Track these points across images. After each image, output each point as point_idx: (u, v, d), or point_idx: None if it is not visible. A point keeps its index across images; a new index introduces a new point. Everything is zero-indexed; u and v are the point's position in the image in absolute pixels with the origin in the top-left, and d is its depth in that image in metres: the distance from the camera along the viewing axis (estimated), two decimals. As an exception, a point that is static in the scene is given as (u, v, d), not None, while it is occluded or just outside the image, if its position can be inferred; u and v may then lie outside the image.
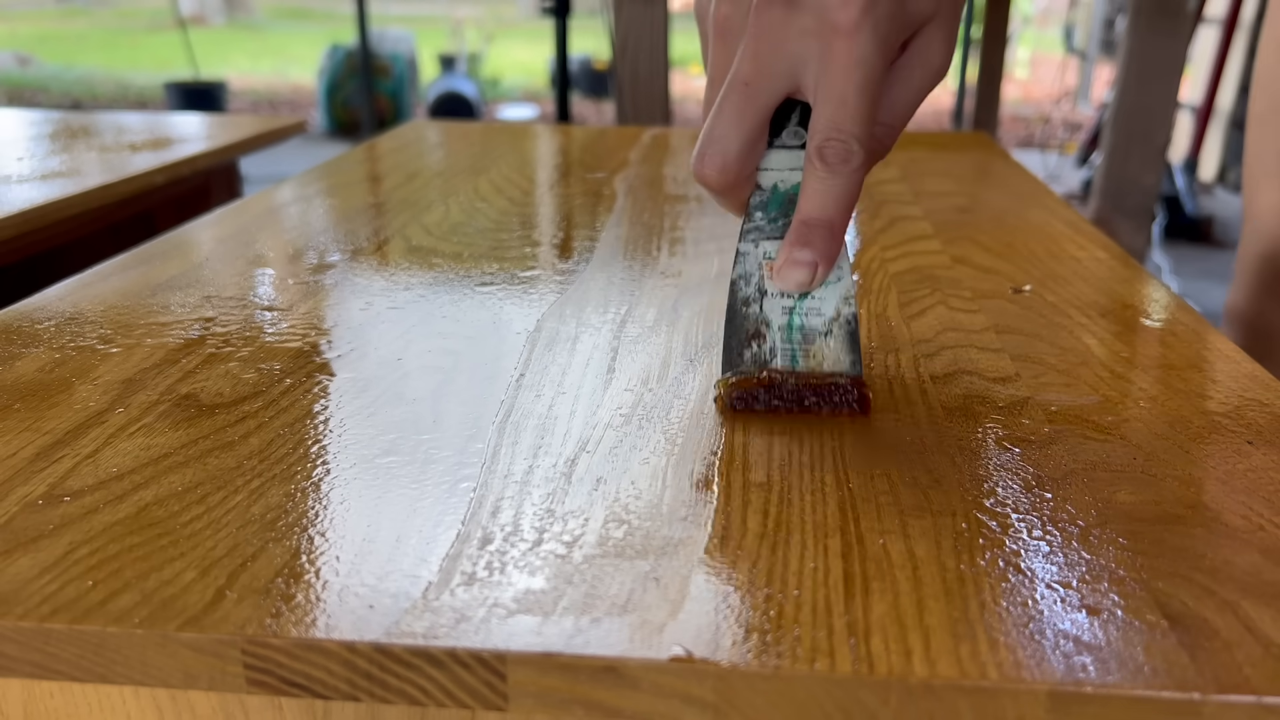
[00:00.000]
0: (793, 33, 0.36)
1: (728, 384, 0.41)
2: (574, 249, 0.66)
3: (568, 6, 2.28)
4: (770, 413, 0.40)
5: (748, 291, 0.41)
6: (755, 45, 0.37)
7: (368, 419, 0.40)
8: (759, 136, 0.38)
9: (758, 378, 0.41)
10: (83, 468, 0.36)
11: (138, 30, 10.43)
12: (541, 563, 0.31)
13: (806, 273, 0.39)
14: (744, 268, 0.41)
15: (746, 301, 0.41)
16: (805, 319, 0.41)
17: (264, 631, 0.27)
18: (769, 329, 0.41)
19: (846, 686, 0.26)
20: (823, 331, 0.41)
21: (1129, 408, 0.42)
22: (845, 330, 0.40)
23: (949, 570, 0.30)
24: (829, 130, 0.36)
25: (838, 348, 0.41)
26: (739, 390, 0.41)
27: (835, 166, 0.37)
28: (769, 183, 0.40)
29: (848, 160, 0.37)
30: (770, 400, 0.41)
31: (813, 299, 0.40)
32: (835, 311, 0.40)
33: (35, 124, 1.19)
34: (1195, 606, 0.29)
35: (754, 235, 0.41)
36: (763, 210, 0.40)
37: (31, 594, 0.29)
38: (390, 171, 0.92)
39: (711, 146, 0.38)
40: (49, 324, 0.51)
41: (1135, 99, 1.74)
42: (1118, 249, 0.66)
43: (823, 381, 0.41)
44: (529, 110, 6.06)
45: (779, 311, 0.41)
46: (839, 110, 0.36)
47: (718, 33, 0.39)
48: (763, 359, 0.41)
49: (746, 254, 0.41)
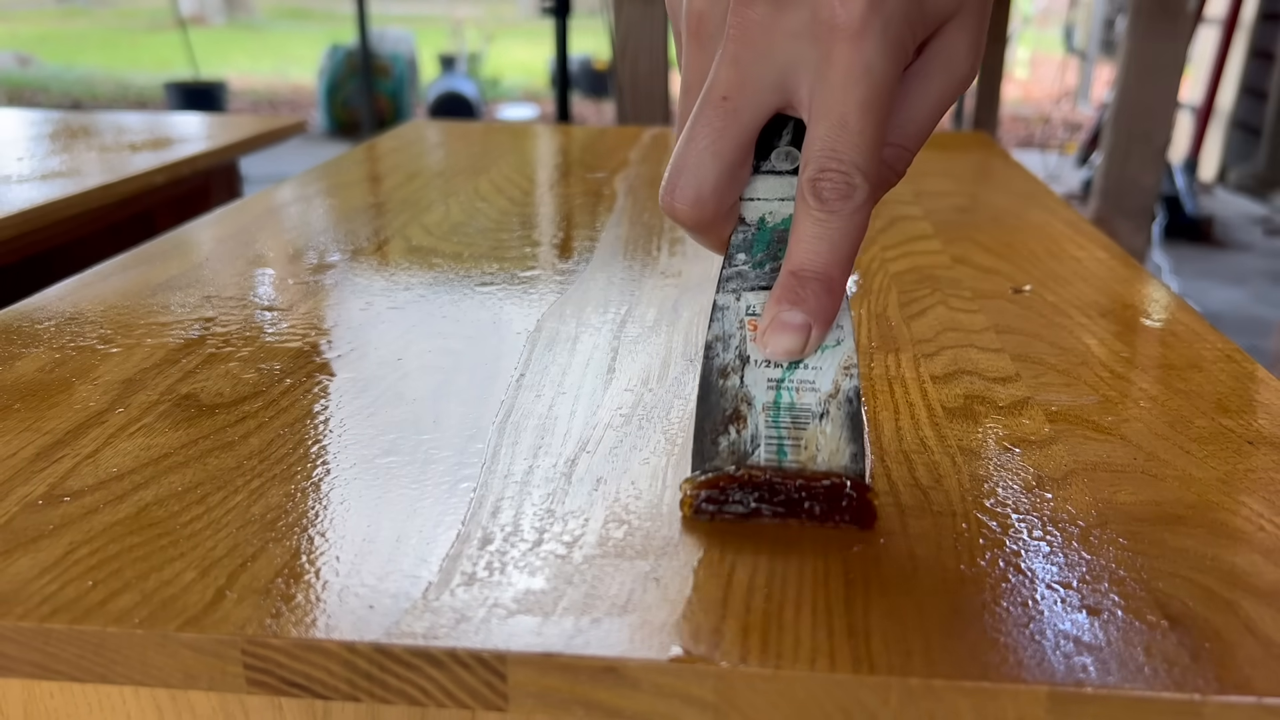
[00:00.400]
0: (782, 34, 0.30)
1: (695, 483, 0.33)
2: (574, 249, 0.66)
3: (568, 6, 2.28)
4: (748, 517, 0.33)
5: (726, 358, 0.33)
6: (736, 50, 0.30)
7: (368, 419, 0.40)
8: (741, 161, 0.32)
9: (734, 475, 0.33)
10: (83, 468, 0.36)
11: (138, 30, 10.43)
12: (541, 563, 0.31)
13: (797, 338, 0.32)
14: (722, 327, 0.33)
15: (724, 371, 0.33)
16: (796, 396, 0.33)
17: (264, 632, 0.27)
18: (751, 409, 0.33)
19: (846, 686, 0.26)
20: (817, 412, 0.33)
21: (1129, 408, 0.42)
22: (845, 411, 0.33)
23: (949, 570, 0.30)
24: (826, 158, 0.30)
25: (836, 434, 0.33)
26: (709, 489, 0.33)
27: (832, 204, 0.30)
28: (755, 216, 0.33)
29: (848, 196, 0.30)
30: (749, 502, 0.33)
31: (805, 369, 0.33)
32: (833, 386, 0.33)
33: (35, 124, 1.19)
34: (1196, 607, 0.29)
35: (735, 284, 0.33)
36: (746, 252, 0.33)
37: (31, 594, 0.29)
38: (390, 171, 0.92)
39: (683, 175, 0.31)
40: (49, 324, 0.51)
41: (1135, 99, 1.74)
42: (1118, 249, 0.66)
43: (816, 481, 0.33)
44: (529, 110, 6.06)
45: (764, 385, 0.33)
46: (838, 132, 0.30)
47: (692, 33, 0.32)
48: (742, 450, 0.33)
49: (725, 309, 0.33)
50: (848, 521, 0.32)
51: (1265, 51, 4.01)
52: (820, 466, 0.33)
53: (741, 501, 0.33)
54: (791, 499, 0.33)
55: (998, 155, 1.02)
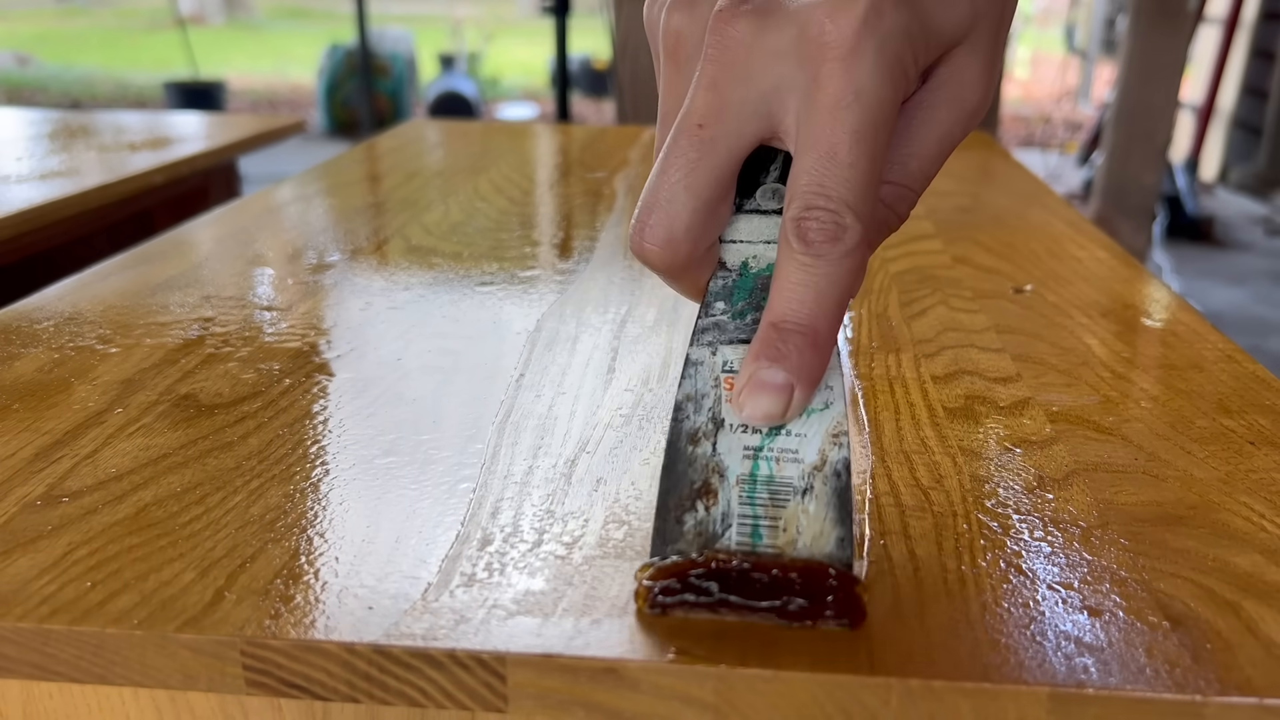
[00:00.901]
0: (766, 54, 0.27)
1: (652, 572, 0.28)
2: (574, 249, 0.66)
3: (567, 6, 2.28)
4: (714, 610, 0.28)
5: (697, 422, 0.29)
6: (714, 72, 0.27)
7: (367, 419, 0.40)
8: (720, 197, 0.28)
9: (698, 561, 0.28)
10: (81, 468, 0.36)
11: (137, 30, 10.43)
12: (541, 564, 0.30)
13: (777, 400, 0.27)
14: (694, 385, 0.29)
15: (694, 436, 0.29)
16: (776, 467, 0.28)
17: (263, 633, 0.27)
18: (723, 482, 0.28)
19: (846, 686, 0.26)
20: (799, 488, 0.28)
21: (1130, 408, 0.42)
22: (832, 486, 0.28)
23: (950, 571, 0.30)
24: (812, 194, 0.26)
25: (820, 514, 0.28)
26: (667, 579, 0.28)
27: (819, 246, 0.26)
28: (736, 260, 0.30)
29: (836, 238, 0.26)
30: (715, 595, 0.28)
31: (787, 436, 0.28)
32: (819, 456, 0.28)
33: (34, 123, 1.19)
34: (1197, 608, 0.28)
35: (711, 336, 0.29)
36: (725, 300, 0.29)
37: (30, 595, 0.29)
38: (390, 171, 0.92)
39: (654, 212, 0.28)
40: (48, 324, 0.51)
41: (1136, 98, 1.74)
42: (1119, 249, 0.66)
43: (795, 570, 0.28)
44: (529, 109, 6.06)
45: (739, 454, 0.28)
46: (826, 165, 0.26)
47: (669, 53, 0.29)
48: (710, 530, 0.28)
49: (699, 364, 0.29)
50: (831, 619, 0.27)
51: (1266, 51, 4.01)
52: (801, 552, 0.28)
53: (707, 593, 0.28)
54: (766, 592, 0.27)
55: (999, 155, 1.02)
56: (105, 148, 1.03)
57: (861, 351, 0.48)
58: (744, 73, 0.27)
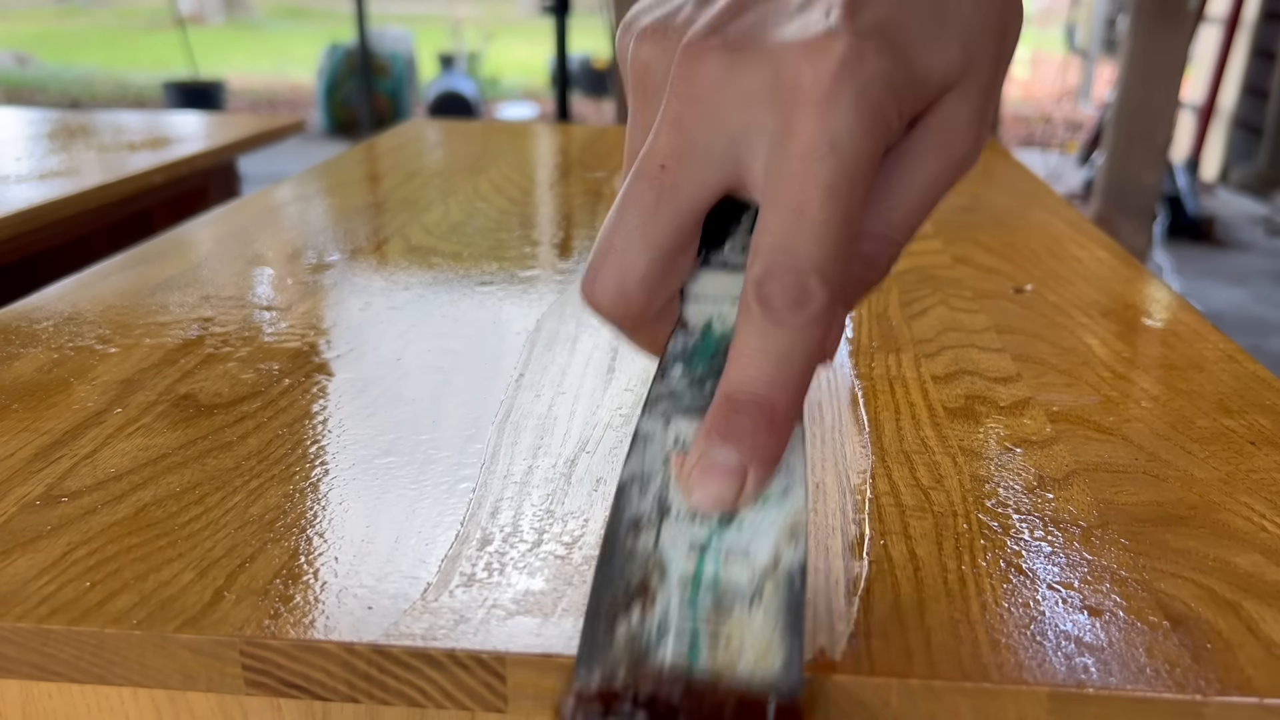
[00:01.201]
0: (736, 95, 0.24)
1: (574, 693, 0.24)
2: (574, 248, 0.66)
3: (567, 6, 2.28)
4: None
5: (640, 508, 0.25)
6: (679, 110, 0.25)
7: (367, 419, 0.40)
8: (679, 248, 0.25)
9: (626, 687, 0.24)
10: (81, 468, 0.36)
11: (136, 30, 10.43)
12: (541, 564, 0.30)
13: (727, 484, 0.24)
14: (640, 462, 0.25)
15: (636, 525, 0.25)
16: (722, 567, 0.24)
17: (262, 633, 0.27)
18: (663, 582, 0.24)
19: (847, 687, 0.26)
20: (747, 594, 0.24)
21: (1131, 408, 0.42)
22: (784, 596, 0.24)
23: (950, 571, 0.30)
24: (776, 253, 0.23)
25: (768, 628, 0.24)
26: (589, 706, 0.24)
27: (780, 313, 0.23)
28: (699, 319, 0.26)
29: (800, 304, 0.23)
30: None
31: (738, 529, 0.24)
32: (772, 556, 0.24)
33: (33, 123, 1.19)
34: (1197, 607, 0.28)
35: (665, 405, 0.26)
36: (684, 363, 0.26)
37: (30, 595, 0.29)
38: (389, 171, 0.92)
39: (607, 259, 0.25)
40: (47, 324, 0.51)
41: (1137, 98, 1.74)
42: (1119, 249, 0.66)
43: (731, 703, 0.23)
44: (529, 109, 6.06)
45: (684, 549, 0.25)
46: (793, 222, 0.23)
47: (637, 84, 0.27)
48: (644, 643, 0.24)
49: (649, 438, 0.25)
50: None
51: (1267, 51, 4.01)
52: (741, 675, 0.23)
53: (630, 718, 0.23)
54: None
55: (999, 155, 1.01)
56: (105, 148, 1.03)
57: (862, 351, 0.48)
58: (712, 114, 0.24)
